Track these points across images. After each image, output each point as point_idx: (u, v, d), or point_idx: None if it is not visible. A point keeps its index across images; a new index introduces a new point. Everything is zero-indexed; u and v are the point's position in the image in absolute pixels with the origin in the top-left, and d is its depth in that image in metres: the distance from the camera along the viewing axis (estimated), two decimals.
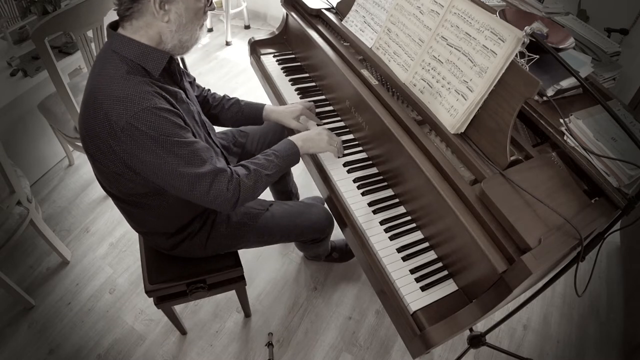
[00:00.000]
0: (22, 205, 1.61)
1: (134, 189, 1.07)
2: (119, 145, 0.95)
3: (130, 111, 0.92)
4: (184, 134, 0.99)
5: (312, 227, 1.47)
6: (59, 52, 2.14)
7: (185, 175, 0.99)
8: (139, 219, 1.21)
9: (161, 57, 1.03)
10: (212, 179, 1.02)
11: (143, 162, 0.97)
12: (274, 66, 1.77)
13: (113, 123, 0.93)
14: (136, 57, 0.99)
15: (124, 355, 1.63)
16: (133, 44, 0.99)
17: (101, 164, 1.03)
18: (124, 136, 0.93)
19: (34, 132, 2.21)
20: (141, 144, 0.94)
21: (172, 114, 0.98)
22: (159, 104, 0.96)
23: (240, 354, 1.66)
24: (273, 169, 1.15)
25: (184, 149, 0.98)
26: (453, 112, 1.12)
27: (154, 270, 1.33)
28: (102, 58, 1.00)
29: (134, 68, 0.98)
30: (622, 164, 0.99)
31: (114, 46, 0.99)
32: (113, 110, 0.92)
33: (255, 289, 1.86)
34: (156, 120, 0.94)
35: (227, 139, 1.52)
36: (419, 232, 1.20)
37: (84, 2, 1.63)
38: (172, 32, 1.02)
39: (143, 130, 0.93)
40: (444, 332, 0.95)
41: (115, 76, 0.95)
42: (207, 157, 1.03)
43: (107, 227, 2.10)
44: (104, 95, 0.94)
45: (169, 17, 0.99)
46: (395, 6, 1.32)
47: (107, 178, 1.07)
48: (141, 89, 0.95)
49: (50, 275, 1.88)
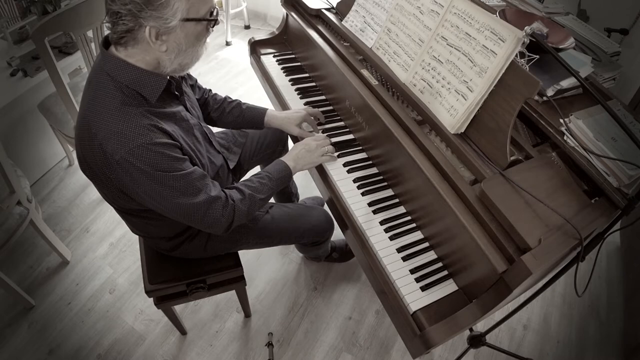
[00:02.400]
0: (22, 205, 1.61)
1: (132, 206, 1.07)
2: (114, 175, 0.94)
3: (126, 147, 0.90)
4: (180, 165, 0.98)
5: (312, 229, 1.47)
6: (59, 52, 2.13)
7: (180, 205, 0.99)
8: (139, 226, 1.21)
9: (159, 82, 0.98)
10: (207, 207, 1.02)
11: (138, 193, 0.97)
12: (274, 66, 1.77)
13: (108, 155, 0.91)
14: (131, 82, 0.94)
15: (124, 355, 1.63)
16: (128, 69, 0.94)
17: (99, 186, 1.03)
18: (119, 169, 0.92)
19: (34, 132, 2.21)
20: (136, 178, 0.93)
21: (168, 147, 0.96)
22: (154, 139, 0.93)
23: (240, 354, 1.66)
24: (267, 192, 1.17)
25: (179, 182, 0.97)
26: (453, 112, 1.12)
27: (154, 271, 1.33)
28: (95, 81, 0.95)
29: (129, 96, 0.94)
30: (622, 164, 0.99)
31: (108, 68, 0.94)
32: (108, 143, 0.90)
33: (255, 289, 1.86)
34: (152, 156, 0.92)
35: (227, 139, 1.52)
36: (419, 232, 1.20)
37: (84, 2, 1.62)
38: (171, 59, 0.97)
39: (138, 167, 0.91)
40: (444, 332, 0.95)
41: (110, 107, 0.92)
42: (202, 185, 1.02)
43: (107, 227, 2.10)
44: (99, 127, 0.91)
45: (166, 46, 0.94)
46: (395, 6, 1.32)
47: (105, 194, 1.07)
48: (137, 122, 0.92)
49: (50, 275, 1.88)
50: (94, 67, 0.99)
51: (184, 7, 0.89)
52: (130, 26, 0.88)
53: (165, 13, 0.87)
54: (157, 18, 0.87)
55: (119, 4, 0.85)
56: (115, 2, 0.85)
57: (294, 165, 1.25)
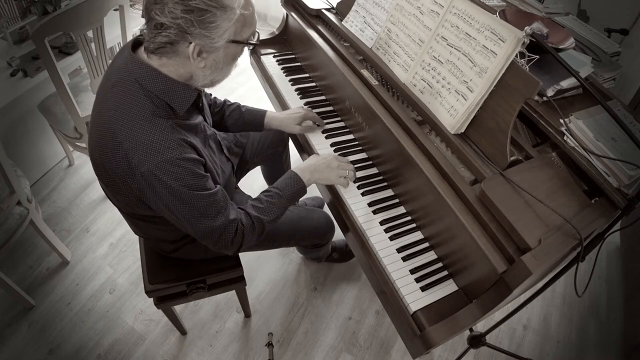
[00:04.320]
0: (22, 205, 1.61)
1: (145, 212, 1.06)
2: (136, 184, 0.93)
3: (154, 160, 0.88)
4: (204, 184, 0.97)
5: (313, 232, 1.47)
6: (59, 52, 2.13)
7: (197, 225, 0.99)
8: (144, 229, 1.20)
9: (189, 94, 0.97)
10: (223, 231, 1.02)
11: (158, 205, 0.96)
12: (274, 66, 1.77)
13: (133, 166, 0.89)
14: (162, 93, 0.93)
15: (124, 355, 1.64)
16: (160, 79, 0.93)
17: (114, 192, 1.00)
18: (143, 181, 0.91)
19: (34, 132, 2.22)
20: (159, 192, 0.92)
21: (194, 162, 0.95)
22: (183, 153, 0.92)
23: (240, 354, 1.67)
24: (276, 212, 1.14)
25: (202, 201, 0.96)
26: (453, 112, 1.12)
27: (154, 271, 1.34)
28: (122, 86, 0.93)
29: (159, 106, 0.93)
30: (622, 164, 1.00)
31: (138, 76, 0.92)
32: (135, 154, 0.88)
33: (255, 289, 1.86)
34: (179, 171, 0.91)
35: (229, 139, 1.52)
36: (419, 232, 1.20)
37: (84, 3, 1.62)
38: (205, 75, 0.97)
39: (164, 181, 0.90)
40: (444, 333, 0.95)
41: (139, 117, 0.90)
42: (222, 207, 1.01)
43: (107, 227, 2.10)
44: (125, 136, 0.89)
45: (205, 63, 0.94)
46: (395, 6, 1.32)
47: (118, 200, 1.05)
48: (168, 137, 0.91)
49: (50, 275, 1.88)
50: (118, 69, 0.96)
51: (232, 30, 0.90)
52: (173, 39, 0.87)
53: (214, 33, 0.88)
54: (204, 37, 0.87)
55: (168, 17, 0.84)
56: (165, 14, 0.84)
57: (308, 178, 1.21)
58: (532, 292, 1.22)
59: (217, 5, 0.85)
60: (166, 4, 0.83)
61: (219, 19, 0.87)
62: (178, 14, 0.83)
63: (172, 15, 0.84)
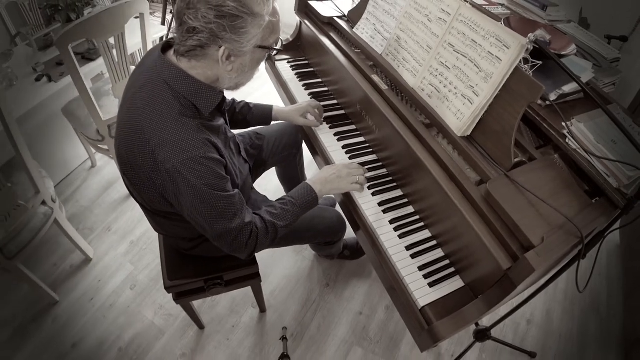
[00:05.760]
0: (46, 205, 1.65)
1: (167, 209, 1.07)
2: (160, 180, 0.94)
3: (179, 157, 0.89)
4: (224, 185, 0.98)
5: (325, 230, 1.47)
6: (82, 58, 2.15)
7: (214, 225, 0.99)
8: (165, 226, 1.21)
9: (214, 96, 0.99)
10: (237, 233, 1.02)
11: (179, 201, 0.97)
12: (288, 72, 1.78)
13: (159, 163, 0.90)
14: (189, 94, 0.95)
15: (144, 349, 1.66)
16: (188, 81, 0.94)
17: (138, 187, 1.02)
18: (167, 177, 0.92)
19: (58, 135, 2.24)
20: (182, 188, 0.93)
21: (217, 163, 0.96)
22: (207, 153, 0.93)
23: (255, 347, 1.68)
24: (289, 219, 1.14)
25: (221, 202, 0.97)
26: (460, 116, 1.13)
27: (173, 267, 1.35)
28: (151, 87, 0.94)
29: (186, 107, 0.95)
30: (621, 165, 1.00)
31: (166, 76, 0.94)
32: (161, 151, 0.89)
33: (270, 285, 1.87)
34: (202, 169, 0.92)
35: (245, 142, 1.53)
36: (427, 230, 1.20)
37: (106, 11, 1.64)
38: (231, 78, 0.99)
39: (187, 178, 0.91)
40: (451, 327, 0.96)
41: (167, 116, 0.91)
42: (238, 210, 1.02)
43: (128, 225, 2.12)
44: (153, 133, 0.90)
45: (232, 67, 0.95)
46: (404, 14, 1.33)
47: (141, 195, 1.06)
48: (193, 136, 0.92)
49: (73, 272, 1.91)
50: (147, 70, 0.98)
51: (260, 36, 0.93)
52: (204, 43, 0.89)
53: (244, 39, 0.90)
54: (234, 41, 0.89)
55: (201, 21, 0.86)
56: (198, 19, 0.86)
57: (320, 189, 1.20)
58: (535, 288, 1.22)
59: (249, 12, 0.87)
60: (199, 9, 0.85)
61: (249, 25, 0.89)
62: (211, 19, 0.85)
63: (205, 20, 0.85)
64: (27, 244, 1.57)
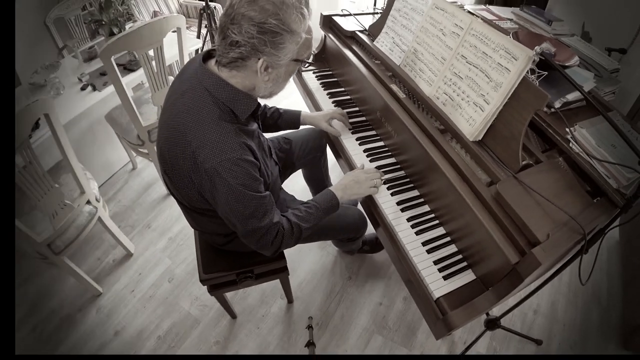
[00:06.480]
0: (91, 204, 1.73)
1: (204, 206, 1.11)
2: (198, 179, 0.98)
3: (218, 158, 0.93)
4: (257, 186, 1.01)
5: (347, 228, 1.51)
6: (124, 69, 2.23)
7: (245, 223, 1.03)
8: (201, 223, 1.24)
9: (251, 103, 1.02)
10: (265, 232, 1.06)
11: (215, 199, 1.01)
12: (314, 81, 1.83)
13: (199, 163, 0.94)
14: (227, 100, 0.98)
15: (181, 337, 1.72)
16: (227, 88, 0.98)
17: (178, 185, 1.06)
18: (205, 176, 0.95)
19: (102, 140, 2.31)
20: (219, 188, 0.96)
21: (252, 165, 0.99)
22: (244, 155, 0.96)
23: (283, 335, 1.73)
24: (313, 221, 1.18)
25: (253, 202, 1.00)
26: (472, 122, 1.17)
27: (208, 262, 1.40)
28: (193, 93, 0.98)
29: (224, 112, 0.98)
30: (621, 167, 1.04)
31: (207, 84, 0.98)
32: (201, 152, 0.93)
33: (297, 278, 1.92)
34: (238, 170, 0.95)
35: (273, 146, 1.56)
36: (442, 227, 1.23)
37: (146, 26, 1.72)
38: (266, 88, 1.03)
39: (224, 178, 0.94)
40: (464, 316, 0.99)
41: (208, 120, 0.95)
42: (268, 210, 1.05)
43: (166, 223, 2.19)
44: (194, 136, 0.94)
45: (268, 77, 0.99)
46: (420, 28, 1.37)
47: (180, 193, 1.10)
48: (232, 139, 0.95)
49: (116, 266, 1.99)
50: (189, 78, 1.02)
51: (295, 51, 0.98)
52: (245, 55, 0.93)
53: (281, 53, 0.95)
54: (273, 55, 0.94)
55: (244, 36, 0.90)
56: (241, 34, 0.90)
57: (341, 195, 1.25)
58: (541, 280, 1.24)
59: (288, 30, 0.92)
60: (242, 25, 0.89)
61: (287, 41, 0.93)
62: (253, 34, 0.89)
63: (248, 35, 0.90)
64: (73, 240, 1.64)
